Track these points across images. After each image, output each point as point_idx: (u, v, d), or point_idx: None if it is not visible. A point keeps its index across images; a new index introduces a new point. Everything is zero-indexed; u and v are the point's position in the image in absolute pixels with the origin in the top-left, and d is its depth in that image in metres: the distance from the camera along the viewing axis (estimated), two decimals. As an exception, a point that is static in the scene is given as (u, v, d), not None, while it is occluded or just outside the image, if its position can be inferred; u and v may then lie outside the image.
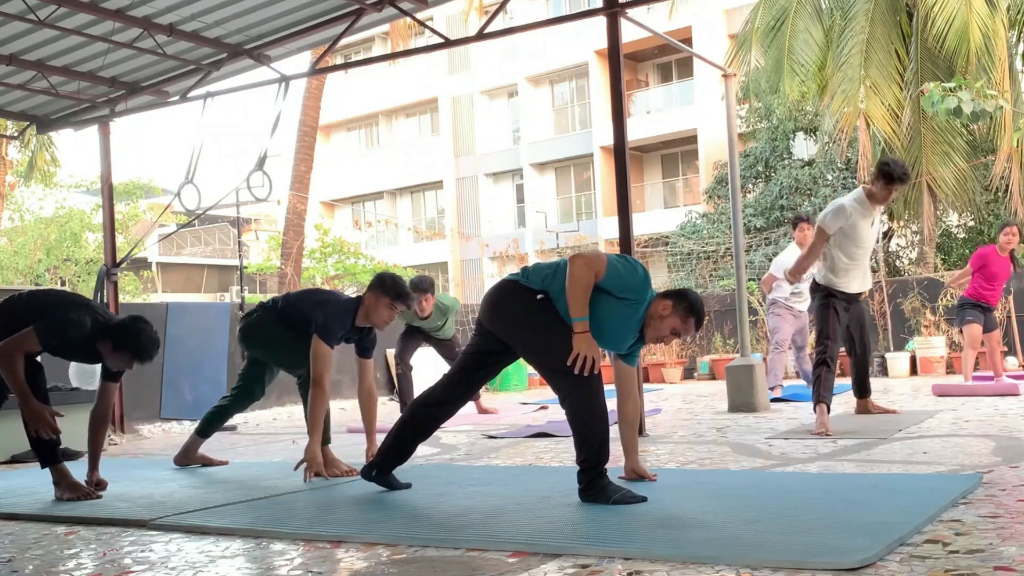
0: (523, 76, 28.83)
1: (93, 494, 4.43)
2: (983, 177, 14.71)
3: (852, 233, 5.79)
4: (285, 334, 4.96)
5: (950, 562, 2.50)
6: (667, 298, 3.70)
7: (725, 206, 19.37)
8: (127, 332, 4.45)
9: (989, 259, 7.89)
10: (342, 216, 32.71)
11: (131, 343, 4.43)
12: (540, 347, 3.73)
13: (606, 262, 3.61)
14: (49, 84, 7.98)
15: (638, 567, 2.64)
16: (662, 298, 3.70)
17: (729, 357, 11.77)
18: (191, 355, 9.13)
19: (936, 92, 8.13)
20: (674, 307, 3.67)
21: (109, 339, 4.44)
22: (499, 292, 3.83)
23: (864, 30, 13.82)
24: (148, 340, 4.46)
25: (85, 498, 4.38)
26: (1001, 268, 7.86)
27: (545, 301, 3.68)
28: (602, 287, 3.60)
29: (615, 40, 6.53)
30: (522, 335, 3.76)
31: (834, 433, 5.51)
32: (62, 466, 4.50)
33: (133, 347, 4.44)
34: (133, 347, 4.44)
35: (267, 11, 7.22)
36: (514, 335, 3.79)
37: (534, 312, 3.70)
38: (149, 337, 4.47)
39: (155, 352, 4.53)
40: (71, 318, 4.39)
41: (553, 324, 3.64)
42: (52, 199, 24.00)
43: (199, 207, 8.37)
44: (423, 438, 4.10)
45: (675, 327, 3.70)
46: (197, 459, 5.52)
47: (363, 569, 2.82)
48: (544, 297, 3.69)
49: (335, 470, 4.83)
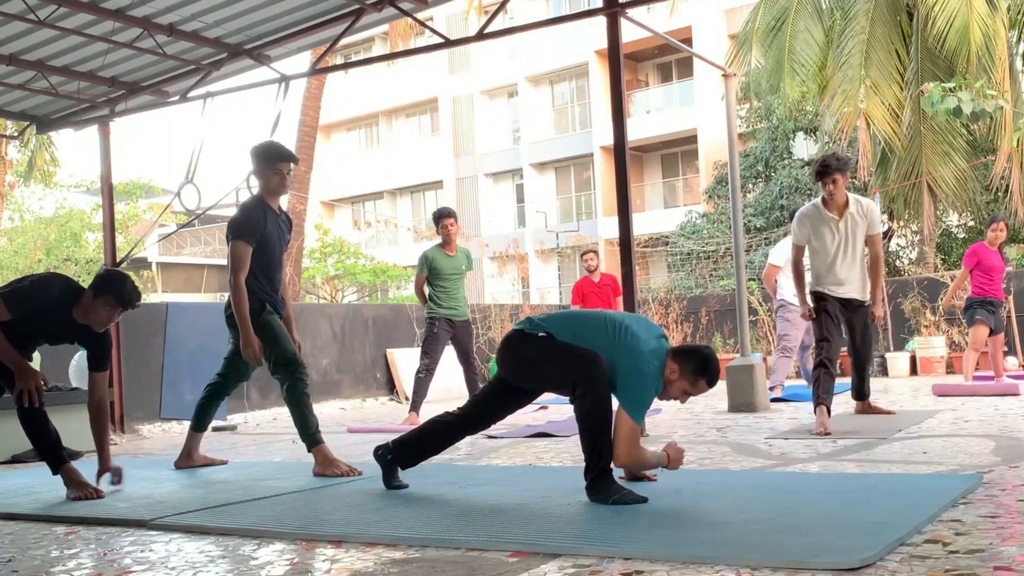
0: (523, 76, 28.84)
1: (97, 493, 4.42)
2: (983, 177, 14.72)
3: (818, 238, 5.93)
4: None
5: (950, 562, 2.50)
6: (675, 360, 3.65)
7: (725, 206, 19.38)
8: (106, 278, 4.45)
9: (981, 253, 8.02)
10: (342, 216, 32.73)
11: (110, 285, 4.41)
12: (554, 374, 3.79)
13: (639, 434, 3.66)
14: (49, 84, 7.98)
15: (638, 567, 2.64)
16: (671, 359, 3.66)
17: (729, 357, 11.75)
18: (191, 355, 9.12)
19: (936, 92, 8.14)
20: (681, 372, 3.65)
21: (89, 290, 4.43)
22: (508, 347, 3.90)
23: (864, 30, 13.82)
24: (129, 284, 4.45)
25: (89, 497, 4.37)
26: (995, 260, 7.99)
27: (547, 336, 3.77)
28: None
29: (615, 40, 6.53)
30: (538, 373, 3.85)
31: (834, 433, 5.51)
32: (69, 466, 4.51)
33: (114, 289, 4.40)
34: (114, 289, 4.40)
35: (267, 11, 7.22)
36: (533, 378, 3.91)
37: (540, 349, 3.78)
38: (130, 282, 4.46)
39: (137, 298, 4.49)
40: (35, 283, 4.42)
41: (555, 352, 3.72)
42: (52, 199, 24.00)
43: (199, 207, 8.38)
44: (436, 452, 4.21)
45: (685, 389, 3.69)
46: (199, 460, 5.49)
47: (363, 569, 2.82)
48: (546, 335, 3.78)
49: (335, 470, 4.83)
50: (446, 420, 4.12)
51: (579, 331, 3.73)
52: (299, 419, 5.01)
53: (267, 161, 5.01)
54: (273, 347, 5.05)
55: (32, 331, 4.54)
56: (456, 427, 4.12)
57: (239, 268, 4.97)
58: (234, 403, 9.49)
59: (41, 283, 4.46)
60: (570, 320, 3.84)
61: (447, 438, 4.16)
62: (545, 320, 3.84)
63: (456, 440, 4.19)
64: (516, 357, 3.89)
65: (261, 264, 5.07)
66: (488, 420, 4.11)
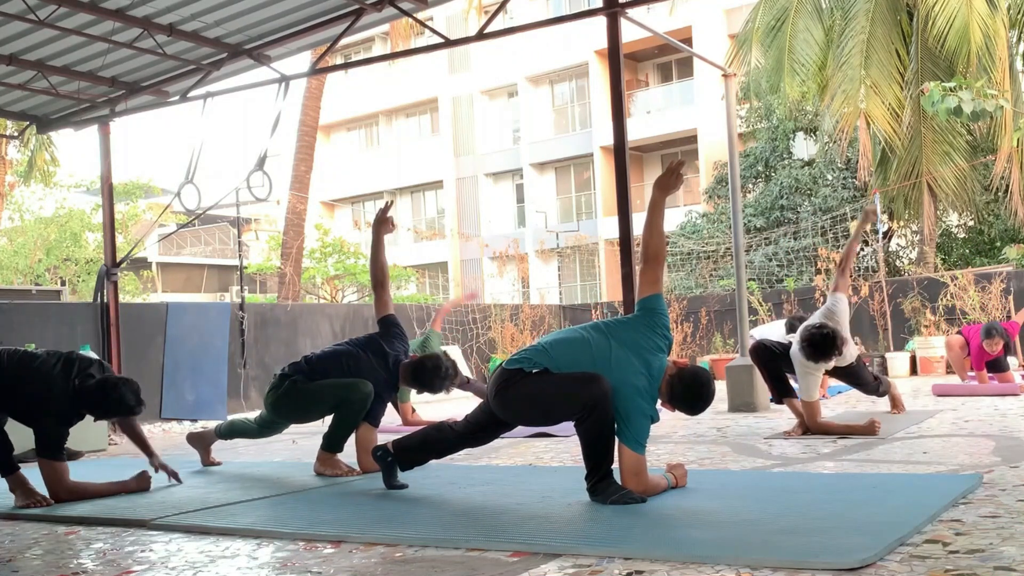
0: (523, 76, 28.82)
1: (45, 501, 4.31)
2: (983, 177, 14.72)
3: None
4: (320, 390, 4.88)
5: (950, 562, 2.50)
6: (665, 384, 3.66)
7: (725, 206, 19.37)
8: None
9: (973, 348, 8.10)
10: (342, 216, 32.72)
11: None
12: (554, 414, 3.77)
13: (645, 462, 3.63)
14: (49, 84, 7.98)
15: (638, 567, 2.64)
16: (667, 383, 3.66)
17: (729, 357, 11.76)
18: (191, 355, 9.13)
19: (936, 92, 8.13)
20: (668, 397, 3.68)
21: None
22: (498, 387, 3.76)
23: (864, 30, 13.82)
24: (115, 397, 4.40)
25: (38, 505, 4.26)
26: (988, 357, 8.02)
27: (541, 372, 3.67)
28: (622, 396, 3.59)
29: (615, 40, 6.53)
30: (537, 414, 3.82)
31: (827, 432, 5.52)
32: (19, 474, 4.42)
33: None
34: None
35: (267, 11, 7.22)
36: (533, 417, 3.91)
37: (535, 389, 3.67)
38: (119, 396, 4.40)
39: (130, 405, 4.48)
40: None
41: (548, 392, 3.64)
42: (52, 199, 24.01)
43: (199, 207, 8.38)
44: (438, 456, 4.20)
45: (668, 409, 3.76)
46: (206, 448, 5.53)
47: (363, 569, 2.82)
48: (540, 370, 3.67)
49: (336, 470, 4.83)
50: (446, 433, 4.08)
51: (575, 359, 3.65)
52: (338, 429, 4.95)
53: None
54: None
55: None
56: (455, 442, 4.09)
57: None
58: (233, 403, 9.50)
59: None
60: (560, 350, 3.72)
61: (447, 449, 4.14)
62: (535, 354, 3.74)
63: (455, 451, 4.19)
64: (517, 398, 3.73)
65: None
66: (487, 438, 4.09)
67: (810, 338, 5.35)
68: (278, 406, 4.96)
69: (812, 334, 5.36)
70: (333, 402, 4.83)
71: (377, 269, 5.17)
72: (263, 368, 10.16)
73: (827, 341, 5.33)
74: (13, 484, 4.41)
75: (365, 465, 4.79)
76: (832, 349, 5.37)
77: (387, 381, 4.89)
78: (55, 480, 4.32)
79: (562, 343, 3.76)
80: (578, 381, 3.58)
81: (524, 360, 3.72)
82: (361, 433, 4.83)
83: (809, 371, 5.54)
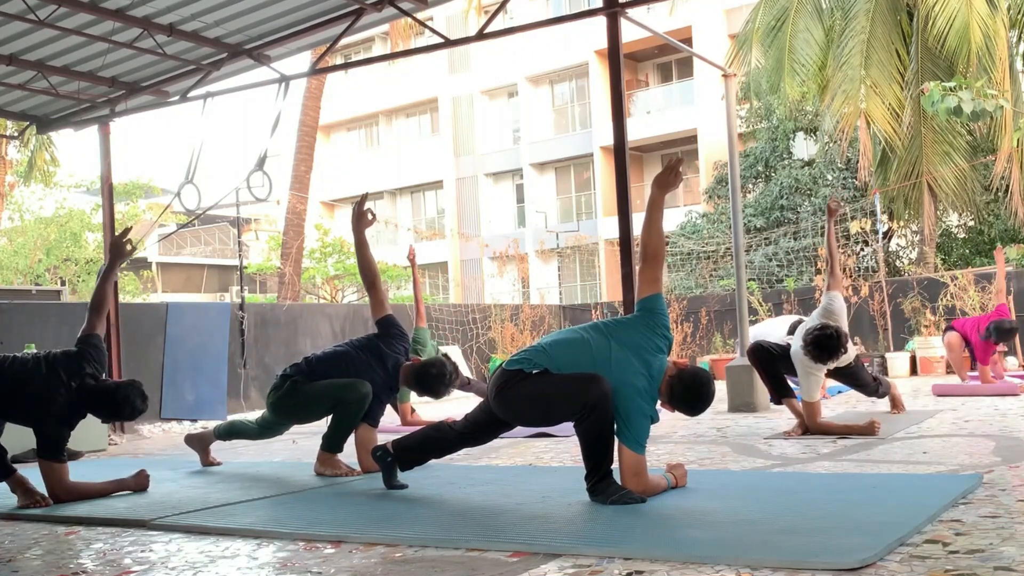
0: (523, 76, 28.82)
1: (45, 501, 4.31)
2: (983, 177, 14.71)
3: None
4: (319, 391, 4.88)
5: (950, 562, 2.50)
6: (665, 385, 3.66)
7: (725, 206, 19.37)
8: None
9: (976, 343, 8.21)
10: (342, 216, 32.69)
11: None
12: (554, 414, 3.76)
13: (645, 462, 3.64)
14: (49, 84, 7.98)
15: (638, 567, 2.64)
16: (667, 383, 3.66)
17: (729, 357, 11.76)
18: (191, 355, 9.12)
19: (936, 91, 8.13)
20: (668, 398, 3.68)
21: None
22: (498, 387, 3.76)
23: (865, 30, 13.81)
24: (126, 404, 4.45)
25: (38, 505, 4.27)
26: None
27: (541, 373, 3.67)
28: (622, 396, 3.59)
29: (615, 40, 6.53)
30: (537, 415, 3.81)
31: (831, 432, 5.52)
32: (17, 475, 4.42)
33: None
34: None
35: (267, 11, 7.22)
36: (533, 417, 3.90)
37: (535, 389, 3.67)
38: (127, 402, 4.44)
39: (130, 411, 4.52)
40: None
41: (548, 392, 3.64)
42: (52, 199, 24.00)
43: (199, 207, 8.38)
44: (438, 456, 4.21)
45: (668, 409, 3.75)
46: (205, 449, 5.52)
47: (363, 569, 2.82)
48: (540, 371, 3.67)
49: (336, 470, 4.83)
50: (446, 433, 4.08)
51: (575, 360, 3.65)
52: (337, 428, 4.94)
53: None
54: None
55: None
56: (455, 442, 4.10)
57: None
58: (233, 403, 9.50)
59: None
60: (560, 350, 3.72)
61: (447, 448, 4.15)
62: (534, 355, 3.74)
63: (455, 451, 4.20)
64: (517, 399, 3.73)
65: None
66: (486, 438, 4.10)
67: (815, 339, 5.35)
68: (278, 406, 4.98)
69: (817, 335, 5.35)
70: (331, 402, 4.83)
71: (366, 269, 5.13)
72: (263, 368, 10.16)
73: (832, 341, 5.33)
74: (13, 485, 4.42)
75: (365, 465, 4.79)
76: (838, 348, 5.37)
77: (385, 383, 4.89)
78: (55, 481, 4.32)
79: (562, 344, 3.76)
80: (578, 381, 3.58)
81: (524, 361, 3.73)
82: (361, 433, 4.84)
83: (812, 372, 5.54)
